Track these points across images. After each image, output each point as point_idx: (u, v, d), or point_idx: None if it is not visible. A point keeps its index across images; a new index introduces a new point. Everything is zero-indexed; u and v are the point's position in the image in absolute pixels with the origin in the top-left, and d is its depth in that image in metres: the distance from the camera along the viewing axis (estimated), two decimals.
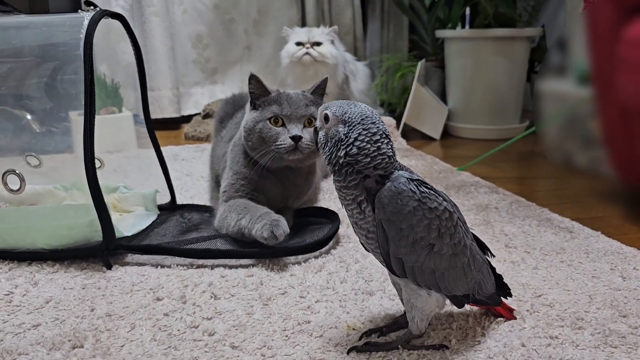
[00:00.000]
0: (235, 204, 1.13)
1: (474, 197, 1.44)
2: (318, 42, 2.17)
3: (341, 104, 0.71)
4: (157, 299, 0.89)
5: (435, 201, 0.68)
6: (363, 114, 0.69)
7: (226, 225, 1.11)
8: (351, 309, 0.86)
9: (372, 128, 0.68)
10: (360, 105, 0.71)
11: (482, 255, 0.77)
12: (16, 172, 1.05)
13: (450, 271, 0.71)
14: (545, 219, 1.27)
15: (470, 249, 0.73)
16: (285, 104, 1.11)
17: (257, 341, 0.77)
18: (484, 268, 0.75)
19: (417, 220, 0.67)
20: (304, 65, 2.18)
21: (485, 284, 0.75)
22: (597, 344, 0.76)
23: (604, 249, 1.09)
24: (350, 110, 0.69)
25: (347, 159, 0.68)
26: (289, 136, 1.08)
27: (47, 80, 1.54)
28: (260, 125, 1.10)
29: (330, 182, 1.60)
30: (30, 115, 1.56)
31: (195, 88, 2.77)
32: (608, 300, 0.88)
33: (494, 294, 0.78)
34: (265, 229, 1.01)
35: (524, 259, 1.04)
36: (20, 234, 1.03)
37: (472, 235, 0.76)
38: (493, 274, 0.79)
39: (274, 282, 0.95)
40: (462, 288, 0.73)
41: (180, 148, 2.08)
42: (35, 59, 1.46)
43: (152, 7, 2.53)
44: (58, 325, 0.82)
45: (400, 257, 0.69)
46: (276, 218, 1.04)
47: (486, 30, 2.28)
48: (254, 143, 1.12)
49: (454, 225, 0.70)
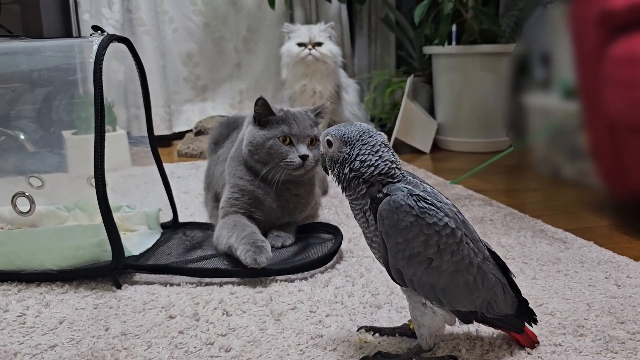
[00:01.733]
0: (228, 221, 1.17)
1: (469, 210, 1.48)
2: (319, 42, 2.30)
3: (339, 127, 0.76)
4: (170, 317, 0.91)
5: (435, 217, 0.69)
6: (360, 130, 0.74)
7: (219, 243, 1.14)
8: (361, 322, 0.88)
9: (370, 141, 0.73)
10: (356, 125, 0.76)
11: (499, 274, 0.76)
12: (26, 195, 1.06)
13: (452, 287, 0.72)
14: (539, 230, 1.31)
15: (479, 267, 0.72)
16: (294, 125, 1.19)
17: (273, 356, 0.79)
18: (497, 288, 0.74)
19: (413, 236, 0.69)
20: (306, 65, 2.31)
21: (498, 304, 0.74)
22: (599, 350, 0.79)
23: (597, 258, 1.13)
24: (348, 131, 0.74)
25: (352, 173, 0.73)
26: (299, 155, 1.16)
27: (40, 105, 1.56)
28: (270, 142, 1.17)
29: (331, 197, 1.63)
30: (24, 134, 1.58)
31: (186, 105, 2.79)
32: (605, 308, 0.92)
33: (513, 317, 0.77)
34: (249, 256, 1.03)
35: (523, 269, 1.08)
36: (28, 255, 1.04)
37: (487, 253, 0.75)
38: (517, 298, 0.78)
39: (283, 298, 0.98)
40: (467, 304, 0.73)
41: (175, 165, 2.10)
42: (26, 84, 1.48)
43: (143, 27, 2.56)
44: (75, 346, 0.83)
45: (399, 268, 0.72)
46: (260, 244, 1.06)
47: (472, 46, 2.35)
48: (261, 157, 1.19)
49: (457, 242, 0.70)
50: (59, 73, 1.43)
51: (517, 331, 0.78)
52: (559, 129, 1.62)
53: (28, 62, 1.26)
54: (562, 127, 1.61)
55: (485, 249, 0.76)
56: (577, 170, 1.60)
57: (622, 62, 1.26)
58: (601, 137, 1.40)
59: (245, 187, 1.21)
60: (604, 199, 1.59)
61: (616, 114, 1.29)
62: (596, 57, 1.34)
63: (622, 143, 1.32)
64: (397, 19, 2.93)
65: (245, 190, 1.21)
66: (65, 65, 1.40)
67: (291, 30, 2.35)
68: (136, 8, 2.55)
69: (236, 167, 1.25)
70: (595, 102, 1.37)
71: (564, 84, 1.58)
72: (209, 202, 1.43)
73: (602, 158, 1.43)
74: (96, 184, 0.98)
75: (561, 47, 1.58)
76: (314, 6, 2.89)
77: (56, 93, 1.61)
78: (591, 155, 1.47)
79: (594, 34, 1.34)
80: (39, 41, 1.19)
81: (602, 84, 1.32)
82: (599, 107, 1.35)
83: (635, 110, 1.22)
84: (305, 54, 2.29)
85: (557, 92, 1.62)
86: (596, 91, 1.36)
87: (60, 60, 1.33)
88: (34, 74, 1.31)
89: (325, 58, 2.31)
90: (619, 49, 1.27)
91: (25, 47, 1.11)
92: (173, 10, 2.68)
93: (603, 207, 1.56)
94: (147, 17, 2.57)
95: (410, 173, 0.77)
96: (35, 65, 1.28)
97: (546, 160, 1.74)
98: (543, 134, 1.68)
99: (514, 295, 0.77)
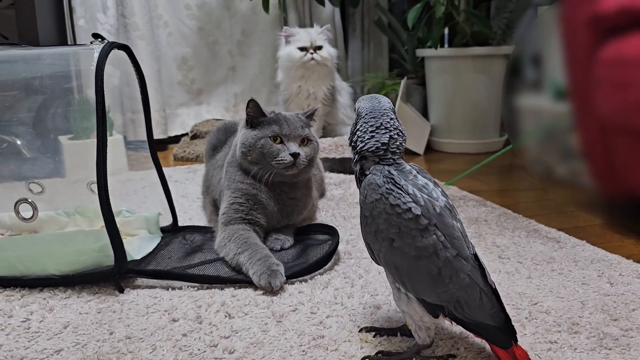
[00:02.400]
0: (236, 234, 1.16)
1: (464, 211, 1.50)
2: (319, 45, 2.36)
3: (363, 98, 0.83)
4: (173, 320, 0.92)
5: (399, 199, 0.73)
6: (370, 108, 0.80)
7: (224, 254, 1.14)
8: (361, 322, 0.90)
9: (370, 121, 0.79)
10: (378, 101, 0.81)
11: (481, 280, 0.73)
12: (29, 201, 1.07)
13: (414, 273, 0.73)
14: (533, 230, 1.34)
15: (448, 262, 0.71)
16: (285, 125, 1.21)
17: (276, 357, 0.81)
18: (471, 290, 0.71)
19: (377, 213, 0.74)
20: (306, 68, 2.38)
21: (470, 307, 0.72)
22: (594, 347, 0.82)
23: (590, 257, 1.16)
24: (362, 105, 0.82)
25: (351, 144, 0.81)
26: (289, 153, 1.18)
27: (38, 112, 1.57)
28: (262, 142, 1.20)
29: (327, 200, 1.65)
30: (20, 140, 1.58)
31: (181, 109, 2.80)
32: (599, 306, 0.94)
33: (495, 329, 0.72)
34: (263, 279, 1.02)
35: (518, 269, 1.11)
36: (31, 261, 1.05)
37: (468, 254, 0.73)
38: (504, 315, 0.73)
39: (284, 300, 0.99)
40: (431, 296, 0.73)
41: (172, 169, 2.11)
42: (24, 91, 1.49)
43: (137, 31, 2.57)
44: (80, 350, 0.84)
45: (368, 242, 0.77)
46: (275, 268, 1.04)
47: (465, 49, 2.38)
48: (254, 158, 1.21)
49: (420, 230, 0.72)
50: (58, 80, 1.45)
51: (500, 345, 0.73)
52: (551, 129, 1.65)
53: (27, 69, 1.27)
54: (554, 128, 1.63)
55: (468, 250, 0.74)
56: (570, 171, 1.62)
57: (612, 65, 1.28)
58: (593, 138, 1.43)
59: (248, 191, 1.23)
60: (596, 198, 1.61)
61: (607, 116, 1.32)
62: (587, 59, 1.36)
63: (612, 144, 1.34)
64: (389, 21, 2.96)
65: (248, 194, 1.23)
66: (63, 72, 1.41)
67: (291, 34, 2.38)
68: (131, 13, 2.56)
69: (234, 172, 1.26)
70: (587, 103, 1.39)
71: (555, 85, 1.61)
72: (208, 206, 1.44)
73: (593, 158, 1.46)
74: (99, 190, 0.99)
75: (553, 49, 1.61)
76: (308, 10, 2.91)
77: (53, 100, 1.63)
78: (583, 155, 1.50)
79: (585, 37, 1.37)
80: (38, 49, 1.20)
81: (593, 86, 1.35)
82: (590, 108, 1.38)
83: (625, 112, 1.25)
84: (308, 58, 2.34)
85: (549, 94, 1.65)
86: (587, 93, 1.38)
87: (59, 67, 1.35)
88: (35, 82, 1.32)
89: (326, 61, 2.37)
90: (609, 51, 1.29)
91: (25, 54, 1.12)
92: (167, 15, 2.69)
93: (595, 207, 1.59)
94: (142, 21, 2.58)
95: (415, 165, 0.80)
96: (34, 73, 1.30)
97: (539, 160, 1.76)
98: (536, 134, 1.71)
99: (498, 307, 0.73)
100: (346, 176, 1.94)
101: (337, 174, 1.96)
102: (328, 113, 2.54)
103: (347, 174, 1.96)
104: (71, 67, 1.45)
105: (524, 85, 1.79)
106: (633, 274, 1.07)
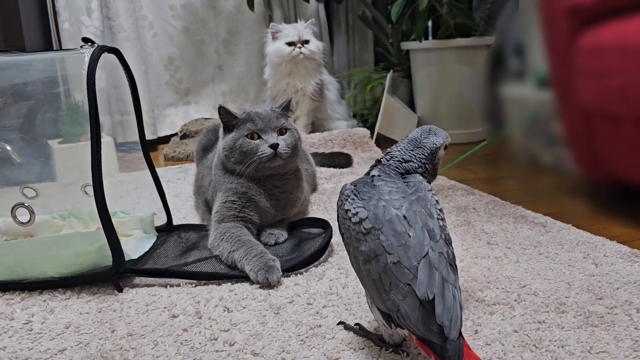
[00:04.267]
0: (228, 232, 1.18)
1: (452, 200, 1.54)
2: (307, 39, 2.39)
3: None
4: (173, 316, 0.94)
5: (350, 205, 0.78)
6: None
7: (219, 252, 1.16)
8: (356, 311, 0.93)
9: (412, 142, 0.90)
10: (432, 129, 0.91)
11: (420, 294, 0.67)
12: (25, 205, 1.08)
13: (364, 277, 0.74)
14: (520, 216, 1.37)
15: (389, 268, 0.70)
16: (258, 120, 1.24)
17: (276, 347, 0.83)
18: (411, 301, 0.68)
19: (339, 217, 0.81)
20: (295, 63, 2.41)
21: (411, 319, 0.67)
22: (580, 325, 0.85)
23: (576, 240, 1.19)
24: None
25: None
26: (268, 145, 1.21)
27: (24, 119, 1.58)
28: (240, 142, 1.23)
29: (319, 194, 1.67)
30: (10, 146, 1.59)
31: (170, 109, 2.81)
32: (584, 286, 0.98)
33: (440, 348, 0.66)
34: (260, 275, 1.04)
35: (506, 254, 1.14)
36: (29, 264, 1.06)
37: (414, 264, 0.69)
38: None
39: (280, 292, 1.02)
40: (378, 302, 0.72)
41: (163, 170, 2.12)
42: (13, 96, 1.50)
43: (123, 33, 2.57)
44: (83, 349, 0.86)
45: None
46: (271, 264, 1.06)
47: (448, 40, 2.41)
48: (236, 159, 1.24)
49: (363, 233, 0.74)
50: (46, 85, 1.46)
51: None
52: (535, 118, 1.69)
53: (16, 75, 1.28)
54: (538, 116, 1.67)
55: (414, 260, 0.70)
56: (554, 157, 1.66)
57: (591, 53, 1.32)
58: (575, 124, 1.47)
59: (239, 190, 1.25)
60: (580, 183, 1.65)
61: (588, 103, 1.36)
62: (567, 47, 1.40)
63: (594, 130, 1.38)
64: (374, 16, 2.99)
65: (240, 193, 1.25)
66: (50, 77, 1.42)
67: (278, 30, 2.40)
68: (115, 15, 2.56)
69: (222, 175, 1.29)
70: (568, 91, 1.43)
71: (538, 74, 1.65)
72: (200, 206, 1.46)
73: (577, 145, 1.50)
74: (95, 191, 1.00)
75: (534, 39, 1.65)
76: (292, 6, 2.93)
77: (42, 105, 1.64)
78: (567, 142, 1.54)
79: (565, 26, 1.40)
80: (28, 55, 1.21)
81: (574, 74, 1.39)
82: (571, 96, 1.42)
83: (604, 99, 1.29)
84: (296, 52, 2.37)
85: (532, 83, 1.68)
86: (568, 81, 1.42)
87: (47, 73, 1.36)
88: (24, 87, 1.34)
89: (314, 55, 2.40)
90: (588, 39, 1.33)
91: (17, 61, 1.14)
92: (152, 16, 2.70)
93: (580, 191, 1.63)
94: (127, 23, 2.59)
95: (417, 177, 0.84)
96: (24, 79, 1.31)
97: (524, 148, 1.80)
98: (520, 123, 1.75)
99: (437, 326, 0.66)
100: (337, 170, 1.97)
101: (327, 169, 1.99)
102: (317, 108, 2.56)
103: (337, 168, 1.98)
104: (58, 72, 1.47)
105: (507, 75, 1.82)
106: (617, 254, 1.11)
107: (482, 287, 0.99)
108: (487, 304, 0.93)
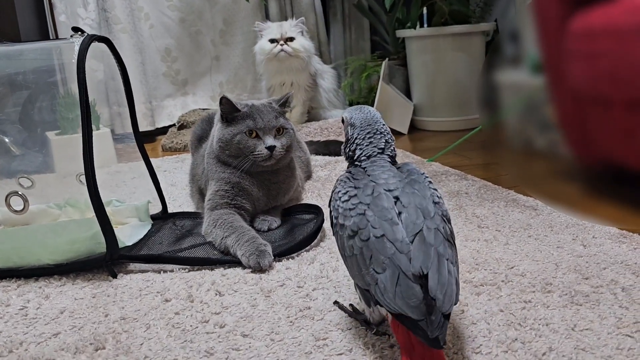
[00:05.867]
0: (221, 218, 1.19)
1: (445, 185, 1.55)
2: (291, 37, 2.33)
3: (353, 109, 0.88)
4: (165, 301, 0.96)
5: (340, 192, 0.80)
6: (365, 118, 0.85)
7: (212, 239, 1.18)
8: (345, 293, 0.94)
9: (367, 129, 0.85)
10: (365, 111, 0.86)
11: (409, 273, 0.67)
12: (19, 194, 1.10)
13: (346, 255, 0.76)
14: (511, 200, 1.38)
15: (372, 242, 0.70)
16: (259, 118, 1.24)
17: (265, 329, 0.85)
18: (391, 274, 0.67)
19: (331, 201, 0.82)
20: (280, 60, 2.36)
21: (387, 291, 0.67)
22: (565, 304, 0.86)
23: (565, 222, 1.20)
24: (355, 116, 0.86)
25: (349, 153, 0.86)
26: (265, 147, 1.22)
27: (22, 109, 1.59)
28: (238, 138, 1.23)
29: (314, 181, 1.69)
30: (7, 137, 1.61)
31: (167, 100, 2.82)
32: (572, 266, 0.99)
33: (414, 322, 0.65)
34: (252, 259, 1.06)
35: (496, 236, 1.15)
36: (25, 252, 1.08)
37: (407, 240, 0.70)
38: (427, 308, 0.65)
39: (271, 276, 1.03)
40: (358, 278, 0.73)
41: (160, 160, 2.14)
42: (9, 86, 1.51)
43: (119, 25, 2.58)
44: (77, 332, 0.88)
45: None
46: (262, 248, 1.07)
47: (444, 27, 2.41)
48: (231, 152, 1.25)
49: (350, 210, 0.76)
50: (41, 75, 1.47)
51: (429, 344, 0.64)
52: (529, 103, 1.69)
53: (10, 65, 1.29)
54: (531, 101, 1.67)
55: (400, 234, 0.70)
56: (548, 142, 1.67)
57: (581, 36, 1.32)
58: (567, 108, 1.47)
59: (231, 179, 1.26)
60: (572, 167, 1.66)
61: (579, 86, 1.36)
62: (558, 31, 1.40)
63: (586, 114, 1.39)
64: (369, 4, 2.98)
65: (232, 182, 1.26)
66: (46, 66, 1.43)
67: (262, 28, 2.39)
68: (111, 7, 2.57)
69: (215, 164, 1.30)
70: (560, 75, 1.43)
71: (532, 59, 1.65)
72: (195, 194, 1.48)
73: (569, 128, 1.50)
74: (86, 178, 1.02)
75: (528, 23, 1.64)
76: None
77: (38, 95, 1.64)
78: (559, 126, 1.54)
79: (555, 9, 1.40)
80: (20, 45, 1.22)
81: (565, 58, 1.39)
82: (563, 79, 1.42)
83: (595, 82, 1.29)
84: (277, 49, 2.33)
85: (526, 68, 1.68)
86: (560, 64, 1.42)
87: (42, 62, 1.37)
88: (18, 77, 1.35)
89: (298, 52, 2.34)
90: (578, 23, 1.33)
91: (8, 51, 1.14)
92: (148, 7, 2.70)
93: (572, 175, 1.63)
94: (123, 14, 2.59)
95: (411, 165, 0.83)
96: (17, 68, 1.32)
97: (519, 133, 1.80)
98: (515, 109, 1.75)
99: (421, 299, 0.65)
100: (331, 158, 1.98)
101: (322, 157, 2.00)
102: (312, 98, 2.56)
103: (332, 156, 1.99)
104: (54, 61, 1.47)
105: (503, 61, 1.82)
106: (605, 235, 1.12)
107: (471, 268, 1.01)
108: (475, 285, 0.94)
